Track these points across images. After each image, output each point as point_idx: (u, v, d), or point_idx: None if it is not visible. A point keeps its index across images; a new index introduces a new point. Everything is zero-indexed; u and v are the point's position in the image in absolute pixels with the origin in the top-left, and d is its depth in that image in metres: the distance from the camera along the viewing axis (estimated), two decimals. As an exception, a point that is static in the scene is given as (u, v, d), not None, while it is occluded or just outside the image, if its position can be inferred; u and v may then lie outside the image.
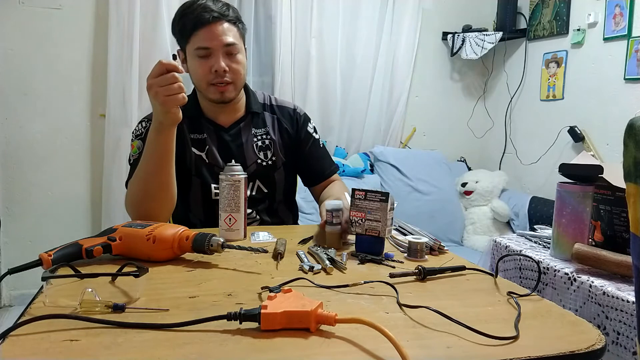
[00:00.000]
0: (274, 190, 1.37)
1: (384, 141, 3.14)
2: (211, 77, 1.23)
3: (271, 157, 1.35)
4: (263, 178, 1.35)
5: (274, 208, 1.39)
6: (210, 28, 1.21)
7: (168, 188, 1.14)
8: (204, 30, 1.21)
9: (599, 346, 0.63)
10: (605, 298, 0.94)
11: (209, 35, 1.21)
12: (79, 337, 0.60)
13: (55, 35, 2.49)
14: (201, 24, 1.21)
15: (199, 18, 1.20)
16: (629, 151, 0.57)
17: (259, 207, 1.35)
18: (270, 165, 1.35)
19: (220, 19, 1.22)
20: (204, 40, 1.21)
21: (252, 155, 1.34)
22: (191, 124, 1.31)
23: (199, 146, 1.31)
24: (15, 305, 2.58)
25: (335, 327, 0.63)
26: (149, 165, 1.11)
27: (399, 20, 3.04)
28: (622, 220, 1.06)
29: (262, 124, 1.37)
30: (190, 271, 0.87)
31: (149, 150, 1.11)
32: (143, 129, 1.27)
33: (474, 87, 3.35)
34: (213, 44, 1.21)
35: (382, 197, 0.99)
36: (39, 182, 2.55)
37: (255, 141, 1.35)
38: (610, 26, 2.44)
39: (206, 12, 1.20)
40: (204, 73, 1.23)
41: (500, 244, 1.31)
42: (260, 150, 1.35)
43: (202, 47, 1.21)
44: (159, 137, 1.09)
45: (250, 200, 1.32)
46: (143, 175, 1.12)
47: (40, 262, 0.82)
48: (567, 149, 2.72)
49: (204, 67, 1.23)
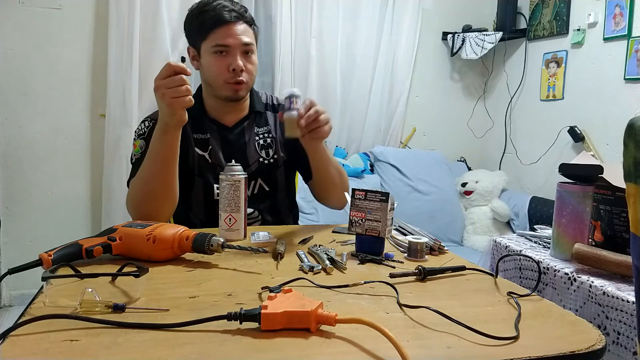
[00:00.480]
0: (275, 188, 1.37)
1: (384, 141, 3.14)
2: (228, 75, 1.24)
3: (273, 155, 1.36)
4: (265, 176, 1.35)
5: (276, 207, 1.39)
6: (230, 27, 1.22)
7: (170, 189, 1.14)
8: (224, 28, 1.22)
9: (599, 346, 0.63)
10: (605, 298, 0.94)
11: (228, 34, 1.22)
12: (79, 337, 0.60)
13: (55, 35, 2.49)
14: (221, 22, 1.22)
15: (220, 16, 1.22)
16: (629, 151, 0.57)
17: (260, 206, 1.35)
18: (272, 164, 1.36)
19: (240, 19, 1.24)
20: (223, 38, 1.22)
21: (254, 154, 1.34)
22: (194, 124, 1.31)
23: (202, 146, 1.31)
24: (15, 305, 2.58)
25: (335, 327, 0.63)
26: (152, 165, 1.12)
27: (399, 20, 3.04)
28: (622, 220, 1.06)
29: (264, 123, 1.38)
30: (191, 271, 0.87)
31: (153, 151, 1.11)
32: (146, 129, 1.27)
33: (474, 87, 3.35)
34: (232, 42, 1.22)
35: (382, 197, 0.99)
36: (39, 182, 2.55)
37: (257, 139, 1.35)
38: (610, 26, 2.44)
39: (227, 11, 1.22)
40: (221, 71, 1.24)
41: (500, 244, 1.31)
42: (262, 148, 1.35)
43: (222, 44, 1.22)
44: (163, 138, 1.09)
45: (252, 198, 1.33)
46: (146, 176, 1.13)
47: (40, 262, 0.82)
48: (567, 149, 2.72)
49: (220, 65, 1.23)
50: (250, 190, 1.33)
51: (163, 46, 2.55)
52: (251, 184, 1.33)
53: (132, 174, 1.22)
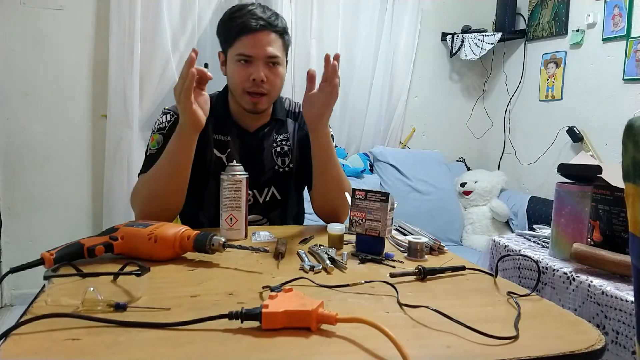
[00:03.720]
0: (287, 197, 1.35)
1: (383, 141, 3.14)
2: (248, 85, 1.20)
3: (288, 164, 1.34)
4: (278, 185, 1.33)
5: (285, 216, 1.37)
6: (255, 36, 1.18)
7: (178, 193, 1.14)
8: (249, 37, 1.18)
9: (598, 346, 0.63)
10: (604, 297, 0.94)
11: (253, 43, 1.18)
12: (81, 336, 0.60)
13: (56, 35, 2.49)
14: (247, 30, 1.18)
15: (246, 24, 1.18)
16: (627, 151, 0.57)
17: (270, 215, 1.34)
18: (287, 173, 1.34)
19: (267, 28, 1.19)
20: (247, 48, 1.19)
21: (270, 162, 1.32)
22: (217, 124, 1.29)
23: (221, 148, 1.29)
24: (16, 304, 2.57)
25: (336, 327, 0.64)
26: (165, 169, 1.11)
27: (398, 20, 3.04)
28: (620, 220, 1.06)
29: (284, 130, 1.35)
30: (192, 270, 0.87)
31: (167, 155, 1.11)
32: (167, 123, 1.24)
33: (473, 88, 3.36)
34: (256, 53, 1.19)
35: (382, 197, 0.99)
36: (40, 182, 2.55)
37: (275, 147, 1.33)
38: (609, 27, 2.45)
39: (254, 19, 1.18)
40: (242, 80, 1.21)
41: (500, 244, 1.31)
42: (279, 156, 1.33)
43: (245, 54, 1.19)
44: (180, 143, 1.09)
45: (263, 205, 1.32)
46: (156, 177, 1.12)
47: (42, 261, 0.82)
48: (566, 149, 2.73)
49: (242, 74, 1.20)
50: (263, 197, 1.32)
51: (164, 46, 2.55)
52: (264, 192, 1.32)
53: (144, 167, 1.21)
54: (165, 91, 2.58)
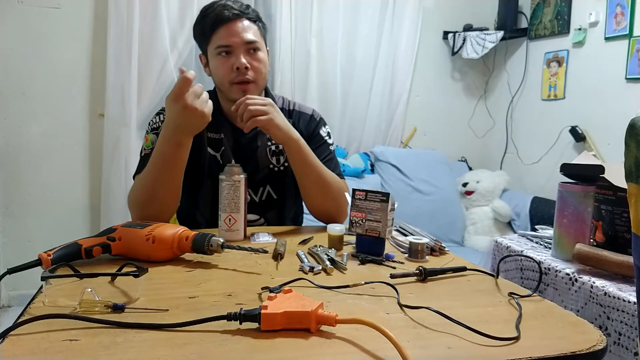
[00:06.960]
0: (284, 197, 1.35)
1: (384, 141, 3.14)
2: (233, 75, 1.21)
3: (283, 163, 1.33)
4: (274, 184, 1.33)
5: (282, 216, 1.37)
6: (230, 25, 1.20)
7: (175, 194, 1.14)
8: (224, 27, 1.20)
9: (600, 347, 0.62)
10: (606, 298, 0.94)
11: (229, 33, 1.20)
12: (79, 336, 0.60)
13: (54, 34, 2.49)
14: (221, 21, 1.20)
15: (219, 16, 1.20)
16: (630, 151, 0.56)
17: (267, 214, 1.34)
18: (282, 172, 1.33)
19: (240, 17, 1.21)
20: (224, 38, 1.20)
21: (265, 160, 1.32)
22: (210, 122, 1.29)
23: (215, 146, 1.29)
24: (14, 305, 2.58)
25: (335, 328, 0.63)
26: (160, 172, 1.10)
27: (399, 19, 3.04)
28: (623, 221, 1.05)
29: None
30: (190, 271, 0.87)
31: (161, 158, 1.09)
32: (161, 123, 1.23)
33: (475, 87, 3.35)
34: (233, 41, 1.20)
35: (382, 197, 0.98)
36: (38, 182, 2.55)
37: (269, 145, 1.33)
38: (612, 26, 2.44)
39: (226, 9, 1.20)
40: (226, 71, 1.21)
41: (501, 245, 1.30)
42: (274, 155, 1.33)
43: (223, 44, 1.20)
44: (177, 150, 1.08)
45: (260, 205, 1.31)
46: (152, 181, 1.11)
47: (39, 262, 0.82)
48: (569, 149, 2.72)
49: (225, 66, 1.21)
50: (258, 196, 1.32)
51: (162, 46, 2.55)
52: (259, 190, 1.32)
53: (139, 168, 1.20)
54: (163, 90, 2.57)
